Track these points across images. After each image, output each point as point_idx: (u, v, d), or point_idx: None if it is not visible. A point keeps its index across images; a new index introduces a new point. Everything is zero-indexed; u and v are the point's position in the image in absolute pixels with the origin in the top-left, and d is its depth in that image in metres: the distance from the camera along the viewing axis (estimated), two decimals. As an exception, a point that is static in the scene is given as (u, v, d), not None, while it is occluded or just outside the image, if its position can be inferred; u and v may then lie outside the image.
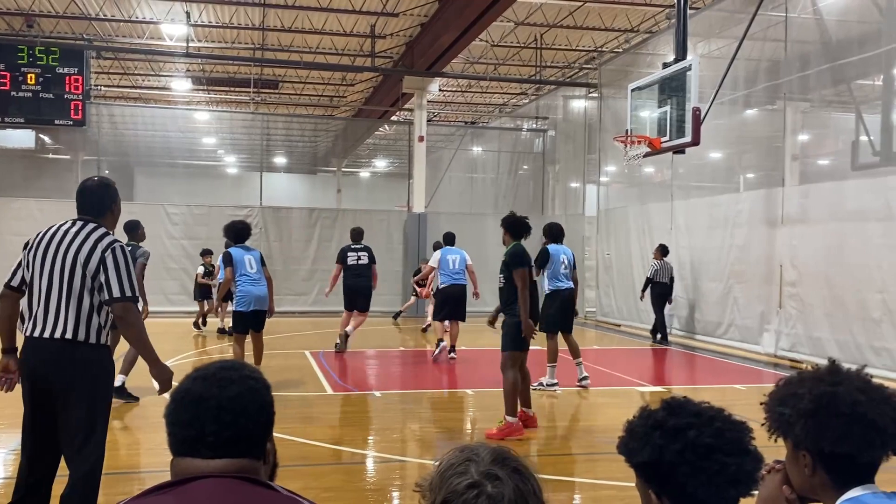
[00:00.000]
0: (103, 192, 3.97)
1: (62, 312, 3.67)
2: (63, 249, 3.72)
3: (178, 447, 1.48)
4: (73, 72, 16.38)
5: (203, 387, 1.49)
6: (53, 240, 3.76)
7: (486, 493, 1.24)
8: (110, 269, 3.70)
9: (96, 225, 3.82)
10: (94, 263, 3.69)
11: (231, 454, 1.46)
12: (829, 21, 11.85)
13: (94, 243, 3.72)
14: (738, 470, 1.50)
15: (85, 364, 3.68)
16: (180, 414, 1.49)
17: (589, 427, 7.77)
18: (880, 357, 9.59)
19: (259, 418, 1.52)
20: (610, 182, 18.28)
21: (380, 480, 5.85)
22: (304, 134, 27.17)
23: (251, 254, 8.82)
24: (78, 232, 3.77)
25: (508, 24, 16.96)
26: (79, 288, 3.69)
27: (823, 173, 13.91)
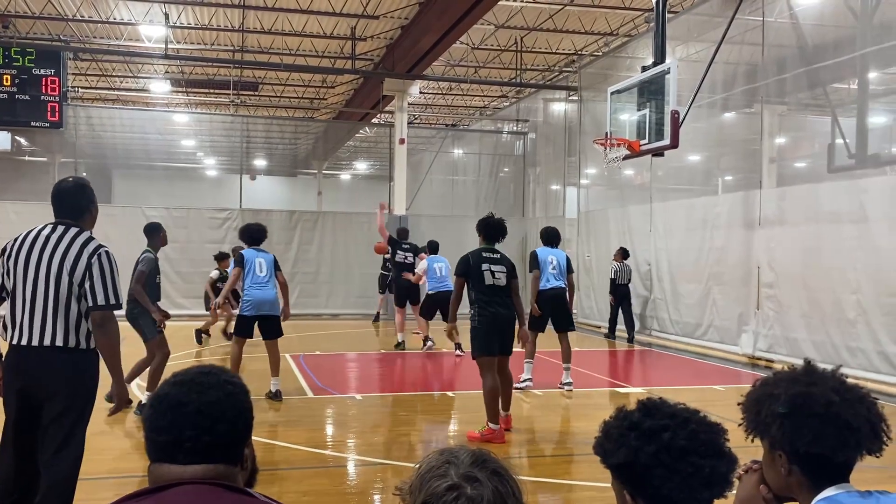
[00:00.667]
0: (80, 194, 3.83)
1: (49, 320, 3.58)
2: (47, 256, 3.61)
3: (155, 453, 1.48)
4: (49, 73, 16.21)
5: (181, 392, 1.49)
6: (35, 245, 3.64)
7: (466, 496, 1.25)
8: (96, 276, 3.62)
9: (79, 229, 3.71)
10: (80, 270, 3.61)
11: (208, 460, 1.46)
12: (805, 25, 11.98)
13: (80, 249, 3.63)
14: (711, 472, 1.51)
15: (74, 370, 3.62)
16: (158, 419, 1.48)
17: (569, 428, 7.80)
18: (855, 357, 9.70)
19: (237, 423, 1.51)
20: (590, 184, 18.36)
21: (360, 483, 5.84)
22: (284, 136, 27.07)
23: (263, 257, 8.62)
24: (61, 237, 3.65)
25: (489, 27, 17.01)
26: (66, 295, 3.60)
27: (800, 176, 14.06)
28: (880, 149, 11.75)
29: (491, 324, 6.87)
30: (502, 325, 6.95)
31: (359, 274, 17.91)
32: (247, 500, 1.45)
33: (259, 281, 8.46)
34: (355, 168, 33.19)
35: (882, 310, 9.44)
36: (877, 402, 1.72)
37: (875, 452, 1.68)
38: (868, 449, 1.67)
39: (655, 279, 14.52)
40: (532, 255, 9.46)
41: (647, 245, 14.76)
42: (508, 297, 7.04)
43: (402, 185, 18.83)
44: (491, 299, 6.93)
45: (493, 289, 6.95)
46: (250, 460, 1.58)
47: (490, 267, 6.96)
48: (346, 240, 18.25)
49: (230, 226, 18.05)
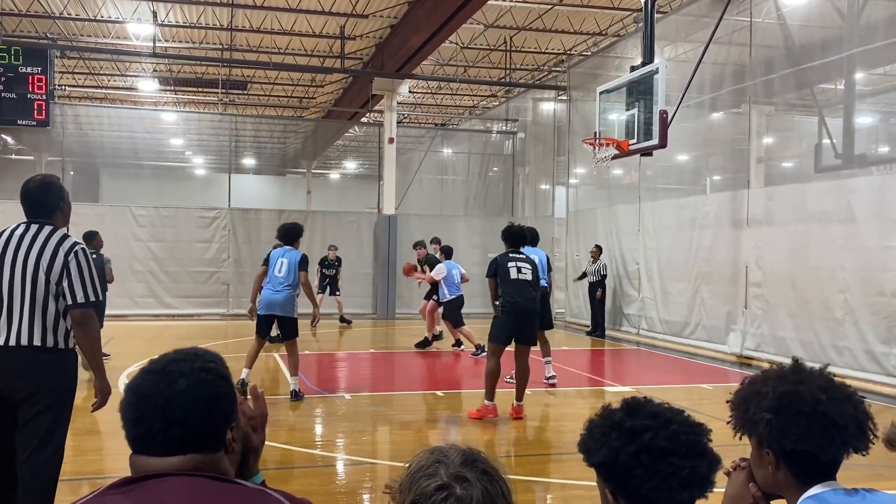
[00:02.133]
0: (48, 191, 3.73)
1: (26, 320, 3.54)
2: (23, 255, 3.57)
3: (132, 444, 1.45)
4: (36, 71, 16.11)
5: (151, 382, 1.45)
6: (9, 246, 3.59)
7: (455, 496, 1.25)
8: (74, 274, 3.58)
9: (53, 227, 3.66)
10: (57, 268, 3.56)
11: (184, 451, 1.42)
12: (792, 26, 12.05)
13: (56, 247, 3.58)
14: (691, 473, 1.51)
15: (52, 370, 3.57)
16: (131, 411, 1.45)
17: (557, 427, 7.82)
18: (843, 356, 9.76)
19: (211, 412, 1.46)
20: (579, 184, 18.40)
21: (350, 483, 5.84)
22: (272, 135, 26.99)
23: (287, 255, 8.60)
24: (35, 236, 3.60)
25: (478, 26, 17.02)
26: (42, 294, 3.55)
27: (787, 176, 14.13)
28: (867, 149, 11.85)
29: (511, 315, 7.50)
30: (522, 317, 7.54)
31: (349, 273, 17.86)
32: (236, 487, 1.42)
33: (272, 280, 8.52)
34: (344, 167, 33.15)
35: (869, 309, 9.50)
36: (864, 401, 1.73)
37: (861, 450, 1.69)
38: (854, 447, 1.68)
39: (644, 278, 14.57)
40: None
41: (636, 244, 14.81)
42: (534, 292, 7.67)
43: (391, 184, 18.81)
44: (514, 292, 7.54)
45: (518, 283, 7.58)
46: (238, 443, 1.53)
47: (516, 264, 7.69)
48: (336, 239, 18.19)
49: (218, 225, 17.99)
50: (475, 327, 12.07)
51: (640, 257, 14.67)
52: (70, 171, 19.40)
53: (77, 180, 23.71)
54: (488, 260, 8.69)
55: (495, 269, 7.76)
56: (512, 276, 7.60)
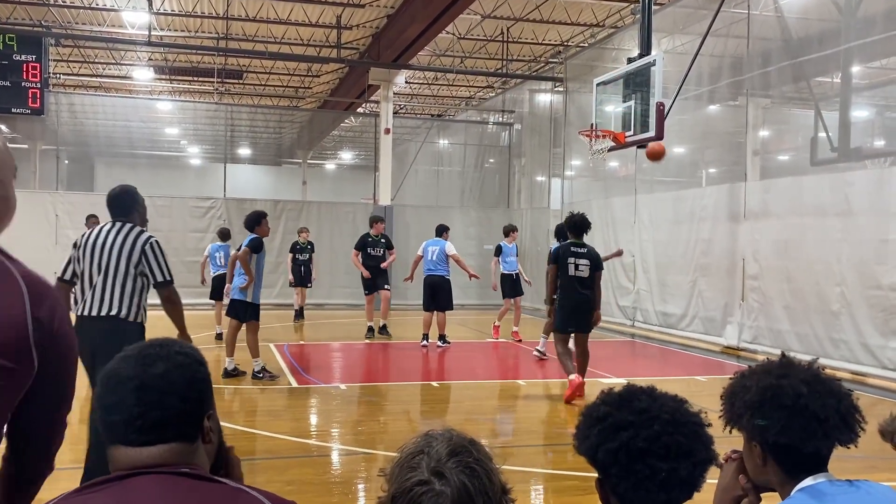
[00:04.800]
0: (124, 196, 4.87)
1: (108, 295, 4.63)
2: (108, 246, 4.68)
3: (109, 434, 1.41)
4: (30, 59, 16.02)
5: (127, 367, 1.42)
6: (99, 239, 4.73)
7: (434, 490, 1.24)
8: (151, 260, 4.70)
9: (132, 224, 4.78)
10: (136, 256, 4.67)
11: (162, 438, 1.38)
12: (790, 19, 12.03)
13: (134, 240, 4.70)
14: (669, 475, 1.48)
15: (126, 336, 4.26)
16: (107, 397, 1.41)
17: (552, 418, 7.83)
18: (838, 349, 9.79)
19: (188, 395, 1.42)
20: (575, 176, 18.38)
21: (345, 473, 5.84)
22: (268, 125, 26.92)
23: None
24: (119, 231, 4.73)
25: (475, 16, 16.97)
26: (122, 276, 4.65)
27: (784, 169, 14.15)
28: (863, 142, 11.86)
29: (568, 306, 8.30)
30: (579, 308, 8.33)
31: (343, 264, 17.84)
32: (216, 486, 1.38)
33: None
34: (340, 158, 33.09)
35: (866, 302, 9.52)
36: (851, 394, 1.74)
37: (846, 443, 1.71)
38: (839, 440, 1.70)
39: (640, 271, 14.57)
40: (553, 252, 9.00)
41: (632, 237, 14.81)
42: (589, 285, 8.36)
43: (387, 175, 18.78)
44: (572, 286, 8.29)
45: (574, 278, 8.30)
46: (215, 433, 1.50)
47: (575, 261, 8.33)
48: (331, 229, 18.18)
49: (214, 215, 17.96)
50: (471, 318, 12.07)
51: (636, 249, 14.66)
52: (64, 160, 19.33)
53: (72, 169, 23.64)
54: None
55: (556, 258, 8.46)
56: (570, 272, 8.32)
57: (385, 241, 13.01)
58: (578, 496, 5.26)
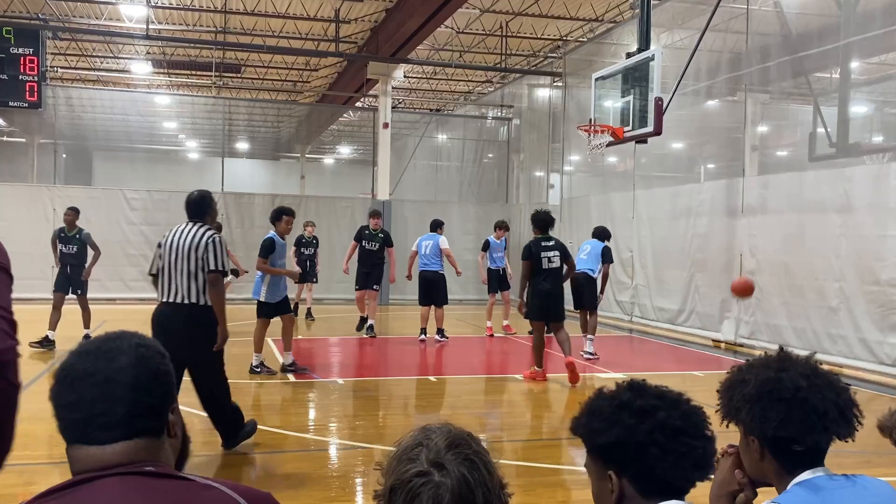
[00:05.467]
0: (200, 202, 5.94)
1: (183, 285, 5.59)
2: (185, 242, 5.66)
3: (68, 433, 1.34)
4: (28, 52, 15.96)
5: (87, 361, 1.35)
6: (176, 237, 5.73)
7: (433, 482, 1.24)
8: (210, 252, 5.62)
9: (202, 224, 5.81)
10: (202, 250, 5.62)
11: (127, 434, 1.33)
12: (789, 14, 12.02)
13: (202, 236, 5.68)
14: (702, 453, 1.54)
15: (198, 318, 5.59)
16: (66, 395, 1.34)
17: (549, 413, 7.84)
18: (836, 344, 9.80)
19: (153, 388, 1.37)
20: (573, 171, 18.38)
21: (342, 467, 5.85)
22: (266, 119, 26.88)
23: None
24: (191, 230, 5.73)
25: (474, 11, 16.93)
26: (194, 268, 5.60)
27: (782, 164, 14.15)
28: (861, 138, 11.86)
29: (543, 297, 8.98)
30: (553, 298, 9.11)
31: (342, 259, 17.84)
32: (182, 484, 1.32)
33: None
34: (338, 152, 33.03)
35: (864, 297, 9.53)
36: (849, 388, 1.74)
37: (844, 437, 1.71)
38: (837, 434, 1.70)
39: (638, 266, 14.58)
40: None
41: (630, 232, 14.81)
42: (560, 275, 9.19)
43: (385, 169, 18.76)
44: (547, 278, 8.98)
45: (548, 271, 9.02)
46: (179, 427, 1.44)
47: (547, 254, 9.01)
48: (329, 224, 18.15)
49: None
50: (469, 313, 12.05)
51: (634, 245, 14.67)
52: (62, 154, 19.31)
53: (69, 163, 23.60)
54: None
55: (529, 254, 9.05)
56: (544, 265, 9.00)
57: (383, 237, 12.64)
58: (573, 490, 5.27)
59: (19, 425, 1.53)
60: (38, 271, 14.81)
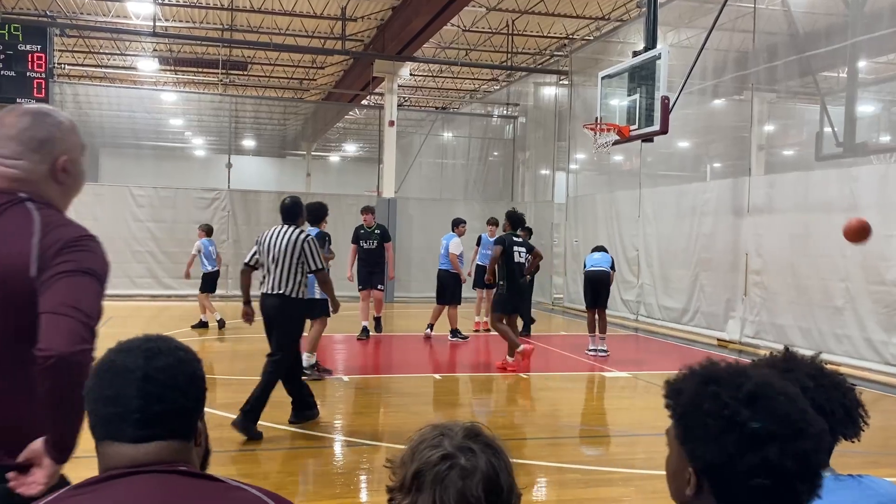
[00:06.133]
0: (294, 207, 6.74)
1: (278, 278, 6.44)
2: (281, 242, 6.47)
3: (101, 428, 1.35)
4: (35, 49, 16.00)
5: (128, 358, 1.36)
6: (273, 237, 6.55)
7: (459, 465, 1.24)
8: (308, 253, 6.48)
9: (296, 226, 6.61)
10: (297, 250, 6.45)
11: (160, 435, 1.34)
12: (796, 13, 11.98)
13: (297, 237, 6.49)
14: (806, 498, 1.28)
15: (291, 308, 6.48)
16: (103, 389, 1.35)
17: (553, 411, 7.84)
18: (842, 344, 9.78)
19: (189, 391, 1.39)
20: (579, 169, 18.36)
21: (347, 464, 5.86)
22: (272, 117, 26.91)
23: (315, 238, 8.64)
24: (287, 232, 6.54)
25: (480, 9, 16.91)
26: (289, 264, 6.44)
27: (789, 164, 14.10)
28: (868, 137, 11.82)
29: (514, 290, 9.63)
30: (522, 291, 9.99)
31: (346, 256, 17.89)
32: (214, 485, 1.33)
33: None
34: (344, 150, 33.06)
35: (870, 297, 9.51)
36: (854, 388, 1.74)
37: (850, 437, 1.70)
38: (843, 434, 1.69)
39: (644, 265, 14.57)
40: None
41: (636, 230, 14.80)
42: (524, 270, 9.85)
43: (391, 167, 18.76)
44: (516, 272, 9.61)
45: (518, 265, 9.66)
46: (204, 437, 1.46)
47: (517, 249, 9.71)
48: (335, 222, 18.11)
49: (217, 206, 17.98)
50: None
51: (640, 243, 14.66)
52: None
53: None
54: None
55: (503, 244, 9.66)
56: (515, 259, 9.58)
57: (380, 233, 12.16)
58: (581, 489, 5.27)
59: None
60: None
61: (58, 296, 1.77)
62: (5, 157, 1.97)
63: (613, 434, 7.01)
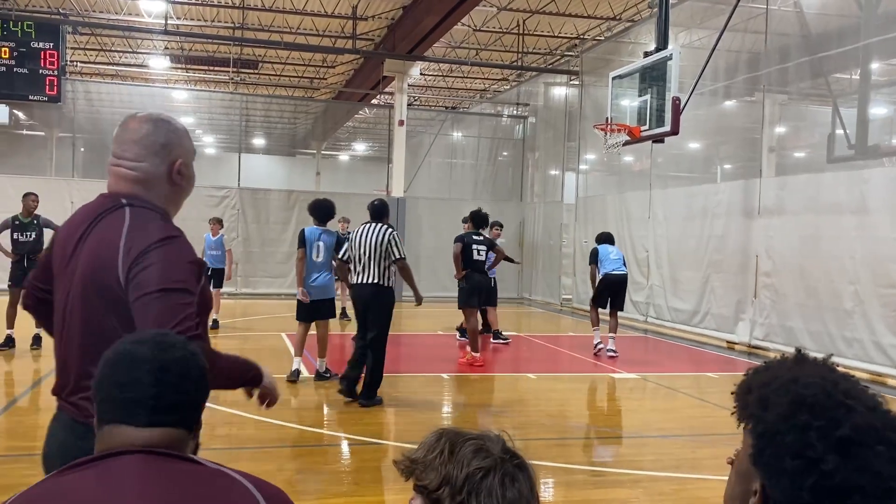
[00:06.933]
0: (382, 208, 7.67)
1: (370, 269, 7.35)
2: (369, 238, 7.40)
3: (111, 412, 1.42)
4: (48, 47, 16.11)
5: (143, 349, 1.44)
6: (364, 234, 7.46)
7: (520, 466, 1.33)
8: (391, 244, 7.39)
9: (383, 224, 7.52)
10: (384, 243, 7.37)
11: (166, 422, 1.42)
12: (808, 14, 11.92)
13: (384, 232, 7.42)
14: None
15: (382, 296, 7.41)
16: (119, 375, 1.42)
17: (562, 412, 7.83)
18: (851, 348, 9.73)
19: (200, 384, 1.48)
20: (589, 170, 18.33)
21: (355, 462, 5.87)
22: (283, 115, 26.96)
23: (324, 239, 8.38)
24: (375, 229, 7.45)
25: (491, 8, 16.91)
26: (379, 256, 7.34)
27: (800, 165, 14.04)
28: (880, 140, 11.74)
29: (475, 285, 10.16)
30: (483, 286, 10.50)
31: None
32: (197, 468, 1.40)
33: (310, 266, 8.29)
34: (354, 149, 33.11)
35: (879, 300, 9.46)
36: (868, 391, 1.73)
37: None
38: None
39: (653, 266, 14.53)
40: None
41: (646, 232, 14.76)
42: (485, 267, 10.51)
43: (400, 167, 18.78)
44: (476, 268, 10.18)
45: (478, 262, 10.25)
46: (198, 430, 1.53)
47: (477, 247, 10.27)
48: (344, 221, 18.19)
49: (228, 204, 18.05)
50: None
51: (650, 245, 14.62)
52: (80, 148, 19.42)
53: (87, 157, 23.70)
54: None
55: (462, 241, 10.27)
56: (474, 256, 10.23)
57: None
58: (589, 490, 5.27)
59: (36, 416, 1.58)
60: (56, 264, 14.89)
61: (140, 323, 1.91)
62: (129, 159, 2.15)
63: (622, 435, 7.00)
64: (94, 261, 2.01)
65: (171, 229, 2.07)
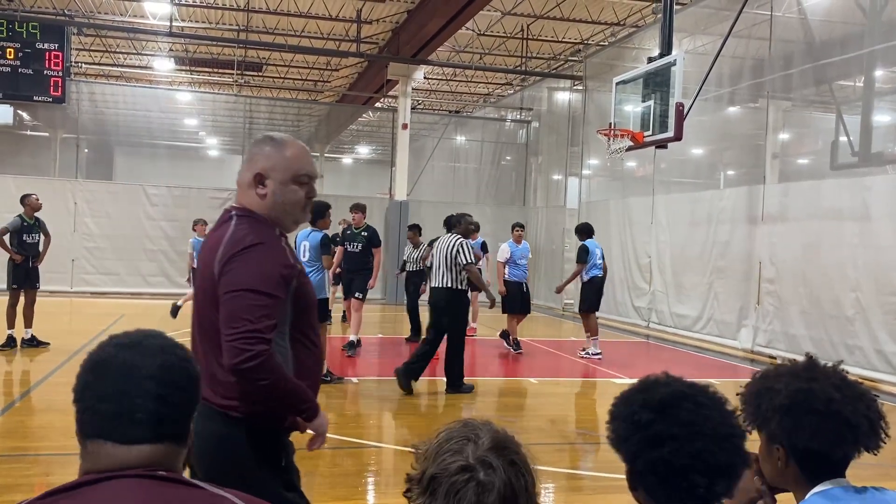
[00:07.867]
0: (450, 219, 8.63)
1: (443, 274, 8.25)
2: (444, 246, 8.36)
3: (95, 426, 1.27)
4: (53, 48, 16.14)
5: (129, 355, 1.30)
6: (442, 242, 8.45)
7: (477, 480, 1.20)
8: (458, 253, 8.21)
9: (455, 234, 8.41)
10: (453, 252, 8.22)
11: (156, 437, 1.28)
12: (813, 21, 11.92)
13: (454, 243, 8.30)
14: (706, 491, 1.44)
15: (456, 297, 8.28)
16: (103, 385, 1.28)
17: (563, 417, 7.81)
18: (853, 355, 9.71)
19: (191, 391, 1.34)
20: (592, 175, 18.32)
21: (355, 465, 5.86)
22: (287, 118, 26.98)
23: (310, 239, 8.31)
24: (449, 239, 8.37)
25: (495, 13, 16.93)
26: (450, 262, 8.22)
27: (803, 172, 14.03)
28: (884, 147, 11.73)
29: None
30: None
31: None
32: (196, 492, 1.28)
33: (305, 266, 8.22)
34: (357, 152, 33.12)
35: (881, 308, 9.44)
36: (877, 400, 1.72)
37: (873, 449, 1.68)
38: (865, 446, 1.67)
39: (656, 271, 14.51)
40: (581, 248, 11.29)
41: (648, 237, 14.75)
42: None
43: (403, 170, 18.79)
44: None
45: None
46: (190, 437, 1.38)
47: None
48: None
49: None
50: (484, 316, 11.95)
51: (653, 250, 14.61)
52: (84, 149, 19.48)
53: (91, 158, 23.80)
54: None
55: None
56: None
57: (367, 236, 10.99)
58: (589, 496, 5.25)
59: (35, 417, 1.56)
60: (59, 265, 14.96)
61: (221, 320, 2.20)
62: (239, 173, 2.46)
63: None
64: (204, 268, 2.32)
65: (262, 237, 2.29)
